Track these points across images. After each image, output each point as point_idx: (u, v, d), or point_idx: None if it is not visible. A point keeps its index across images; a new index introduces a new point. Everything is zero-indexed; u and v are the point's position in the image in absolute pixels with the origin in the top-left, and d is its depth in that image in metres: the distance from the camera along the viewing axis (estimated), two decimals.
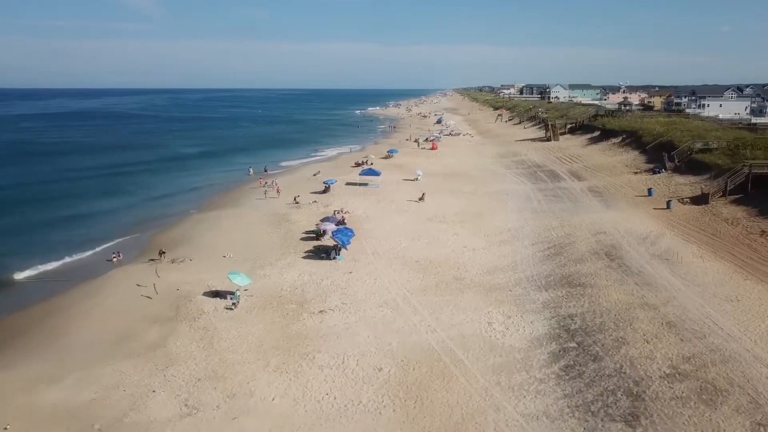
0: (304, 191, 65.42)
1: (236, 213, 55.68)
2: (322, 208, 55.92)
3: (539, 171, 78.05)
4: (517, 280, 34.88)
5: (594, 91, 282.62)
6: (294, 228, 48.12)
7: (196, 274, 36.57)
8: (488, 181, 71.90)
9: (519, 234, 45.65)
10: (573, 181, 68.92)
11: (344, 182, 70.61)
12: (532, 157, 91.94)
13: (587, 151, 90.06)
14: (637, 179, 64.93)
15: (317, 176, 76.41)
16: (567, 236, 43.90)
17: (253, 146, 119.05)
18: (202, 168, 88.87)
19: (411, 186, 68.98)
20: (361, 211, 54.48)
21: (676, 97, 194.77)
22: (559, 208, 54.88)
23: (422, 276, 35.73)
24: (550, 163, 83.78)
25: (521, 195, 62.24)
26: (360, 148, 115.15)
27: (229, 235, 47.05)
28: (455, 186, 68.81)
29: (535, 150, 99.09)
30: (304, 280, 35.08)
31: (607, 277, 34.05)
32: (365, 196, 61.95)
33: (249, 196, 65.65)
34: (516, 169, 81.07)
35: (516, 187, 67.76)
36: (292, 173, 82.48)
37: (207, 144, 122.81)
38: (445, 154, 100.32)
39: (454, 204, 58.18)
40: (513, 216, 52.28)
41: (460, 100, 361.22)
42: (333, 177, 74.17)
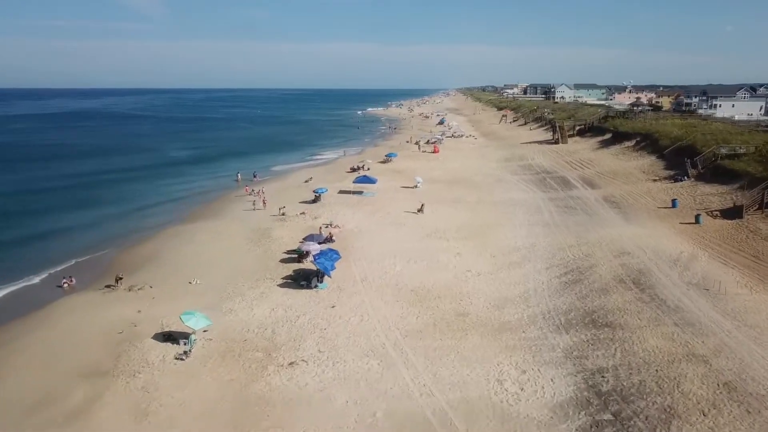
0: (292, 201, 59.90)
1: (215, 226, 50.15)
2: (310, 221, 50.37)
3: (548, 177, 72.35)
4: (532, 316, 29.26)
5: (600, 90, 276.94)
6: (274, 246, 42.56)
7: (152, 307, 31.05)
8: (494, 189, 66.26)
9: (530, 254, 40.02)
10: (586, 190, 63.19)
11: (337, 190, 65.07)
12: (540, 161, 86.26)
13: (599, 155, 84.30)
14: (658, 188, 59.18)
15: (309, 183, 70.95)
16: (586, 257, 38.25)
17: (248, 149, 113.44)
18: (191, 174, 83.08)
19: (410, 194, 63.40)
20: (353, 225, 48.91)
21: (685, 97, 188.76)
22: (574, 221, 49.21)
23: (418, 311, 30.14)
24: (560, 169, 78.07)
25: (530, 205, 56.59)
26: (358, 151, 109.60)
27: (201, 254, 41.56)
28: (458, 194, 63.18)
29: (542, 153, 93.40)
30: (277, 316, 29.50)
31: (639, 315, 28.39)
32: (359, 207, 56.38)
33: (233, 206, 60.13)
34: (523, 175, 75.40)
35: (524, 195, 62.08)
36: (283, 179, 76.93)
37: (200, 147, 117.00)
38: (448, 157, 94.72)
39: (457, 216, 52.56)
40: (522, 231, 46.64)
41: (463, 101, 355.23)
42: (325, 184, 68.66)
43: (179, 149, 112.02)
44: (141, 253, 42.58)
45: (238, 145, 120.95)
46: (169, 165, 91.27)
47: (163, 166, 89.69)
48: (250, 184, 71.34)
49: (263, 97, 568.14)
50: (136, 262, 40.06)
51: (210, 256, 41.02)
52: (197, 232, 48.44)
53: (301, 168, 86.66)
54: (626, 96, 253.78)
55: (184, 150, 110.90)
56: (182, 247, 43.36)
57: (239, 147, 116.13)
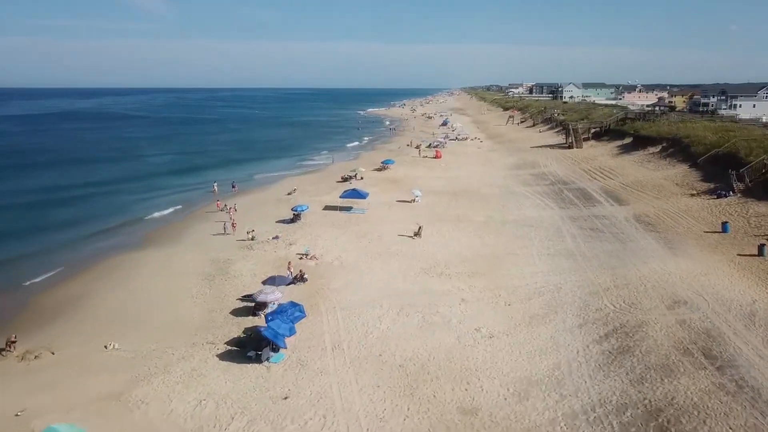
0: (268, 219, 51.13)
1: (168, 256, 41.37)
2: (282, 249, 41.53)
3: (566, 189, 63.29)
4: (569, 416, 20.33)
5: (608, 90, 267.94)
6: (230, 288, 33.75)
7: (38, 393, 22.30)
8: (504, 204, 57.27)
9: (556, 300, 31.08)
10: (612, 206, 54.10)
11: (322, 205, 56.24)
12: (554, 169, 77.19)
13: (620, 162, 75.13)
14: (698, 205, 50.07)
15: (292, 196, 62.20)
16: (630, 308, 29.29)
17: (234, 154, 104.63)
18: (163, 185, 73.30)
19: (407, 211, 54.51)
20: (334, 255, 40.03)
21: (702, 96, 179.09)
22: (604, 250, 40.22)
23: (407, 406, 21.19)
24: (578, 179, 68.96)
25: (549, 227, 47.59)
26: (354, 157, 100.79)
27: (136, 298, 32.82)
28: (462, 211, 54.26)
29: (555, 160, 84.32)
30: (203, 416, 20.59)
31: (728, 420, 19.43)
32: (345, 228, 47.51)
33: (199, 226, 51.40)
34: (536, 186, 66.37)
35: (540, 213, 53.08)
36: (264, 190, 68.13)
37: (183, 152, 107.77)
38: (451, 164, 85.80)
39: (461, 242, 43.62)
40: (543, 264, 37.70)
41: (467, 100, 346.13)
42: (310, 198, 59.95)
43: (158, 155, 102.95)
44: (60, 296, 33.79)
45: (224, 149, 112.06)
46: (141, 176, 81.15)
47: (133, 178, 79.37)
48: (225, 198, 62.61)
49: (266, 96, 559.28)
50: (47, 311, 31.31)
51: (147, 301, 32.27)
52: (144, 263, 39.69)
53: (286, 177, 77.80)
54: (636, 95, 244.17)
55: (163, 156, 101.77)
56: (116, 288, 34.57)
57: (225, 152, 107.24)
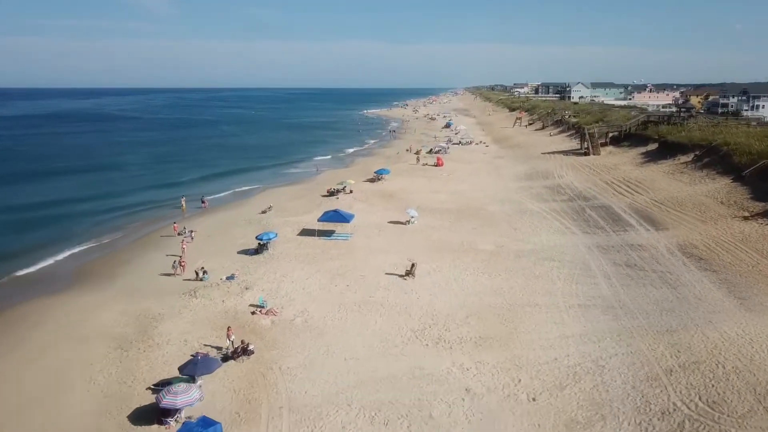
0: (228, 249, 41.94)
1: (87, 305, 32.11)
2: (232, 299, 32.25)
3: (588, 207, 53.85)
4: None
5: (618, 90, 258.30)
6: (144, 365, 24.46)
7: None
8: (516, 227, 47.86)
9: (600, 393, 21.70)
10: (648, 231, 44.57)
11: (299, 228, 47.01)
12: (571, 180, 67.69)
13: (647, 173, 65.54)
14: (757, 232, 40.49)
15: (266, 215, 53.04)
16: (711, 410, 19.92)
17: (218, 160, 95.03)
18: (126, 201, 62.29)
19: (399, 236, 45.21)
20: (298, 308, 30.69)
21: (721, 96, 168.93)
22: (651, 299, 30.85)
23: None
24: (600, 193, 59.46)
25: (574, 261, 38.19)
26: (346, 164, 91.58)
27: (13, 380, 23.62)
28: (466, 237, 44.88)
29: (571, 169, 74.77)
30: None
31: None
32: (319, 264, 38.20)
33: (143, 258, 42.22)
34: (552, 203, 56.93)
35: (561, 240, 43.63)
36: (236, 207, 58.86)
37: (163, 159, 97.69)
38: (454, 173, 76.42)
39: (466, 284, 34.28)
40: (573, 321, 28.34)
41: (472, 100, 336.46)
42: (286, 217, 50.82)
43: (132, 163, 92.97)
44: None
45: (207, 155, 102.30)
46: (103, 189, 69.15)
47: (93, 192, 67.42)
48: (191, 217, 53.60)
49: (268, 97, 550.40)
50: None
51: (24, 388, 23.05)
52: (51, 317, 30.50)
53: (266, 189, 68.52)
54: (647, 95, 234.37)
55: (138, 164, 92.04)
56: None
57: (207, 159, 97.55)
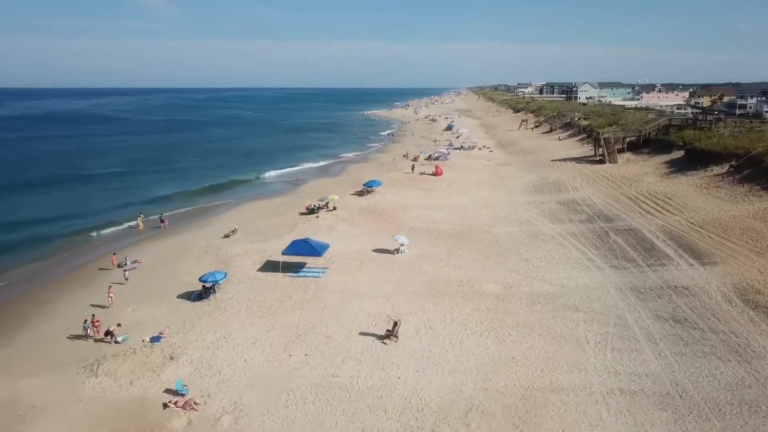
0: (169, 292, 33.57)
1: None
2: (147, 376, 23.84)
3: (612, 230, 45.24)
4: None
5: (625, 90, 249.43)
6: None
7: None
8: (528, 258, 39.29)
9: None
10: (692, 266, 35.91)
11: (261, 260, 38.59)
12: (588, 193, 59.12)
13: (675, 186, 56.90)
14: None
15: (229, 239, 44.70)
16: None
17: (195, 169, 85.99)
18: (81, 221, 52.94)
19: (385, 270, 36.74)
20: (229, 399, 22.25)
21: (739, 96, 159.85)
22: (719, 382, 22.38)
23: None
24: (624, 211, 50.81)
25: (606, 313, 29.64)
26: (336, 172, 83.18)
27: None
28: (467, 272, 36.39)
29: (586, 179, 66.19)
30: None
31: None
32: (275, 317, 29.73)
33: (65, 298, 33.98)
34: (569, 223, 48.37)
35: (584, 278, 35.05)
36: (197, 228, 50.38)
37: (136, 168, 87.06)
38: (454, 183, 67.91)
39: (465, 353, 25.74)
40: (617, 425, 19.85)
41: (475, 100, 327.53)
42: (250, 244, 42.43)
43: (101, 171, 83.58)
44: None
45: (185, 163, 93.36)
46: (49, 207, 59.32)
47: (34, 210, 58.01)
48: (131, 246, 45.16)
49: (269, 97, 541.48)
50: None
51: None
52: None
53: (238, 204, 60.14)
54: (655, 95, 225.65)
55: (107, 172, 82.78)
56: None
57: (184, 167, 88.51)
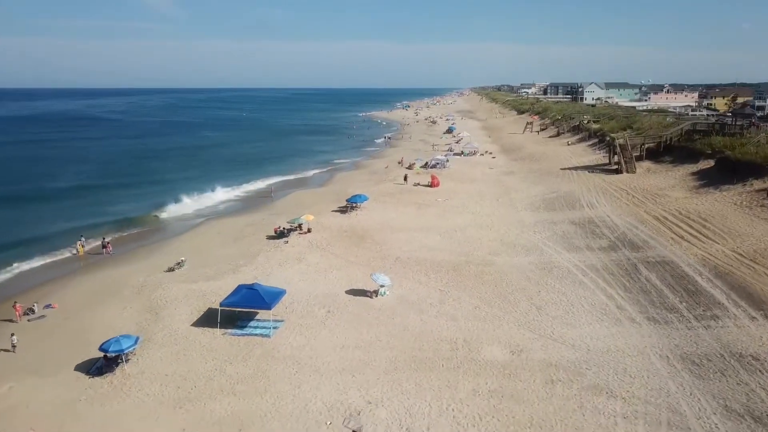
0: (73, 354, 25.57)
1: None
2: None
3: (641, 262, 36.90)
4: None
5: (632, 90, 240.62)
6: None
7: None
8: (540, 304, 30.97)
9: None
10: (754, 321, 27.49)
11: (202, 306, 30.40)
12: (606, 211, 50.75)
13: (710, 203, 48.45)
14: None
15: (174, 273, 36.56)
16: None
17: (166, 181, 76.10)
18: (13, 249, 44.63)
19: (355, 325, 28.48)
20: None
21: (757, 97, 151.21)
22: None
23: None
24: (653, 235, 42.37)
25: (653, 402, 21.38)
26: (320, 182, 75.10)
27: None
28: (463, 328, 28.12)
29: (603, 193, 57.85)
30: None
31: None
32: (189, 412, 21.54)
33: None
34: (587, 251, 40.03)
35: (615, 339, 26.68)
36: (143, 256, 42.19)
37: (102, 178, 78.88)
38: (451, 197, 59.66)
39: None
40: None
41: (477, 101, 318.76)
42: (193, 283, 34.19)
43: (61, 183, 74.91)
44: None
45: (159, 172, 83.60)
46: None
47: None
48: (38, 289, 36.95)
49: (270, 97, 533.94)
50: None
51: None
52: None
53: (200, 224, 52.09)
54: (664, 96, 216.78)
55: (64, 186, 73.51)
56: None
57: (156, 177, 79.17)
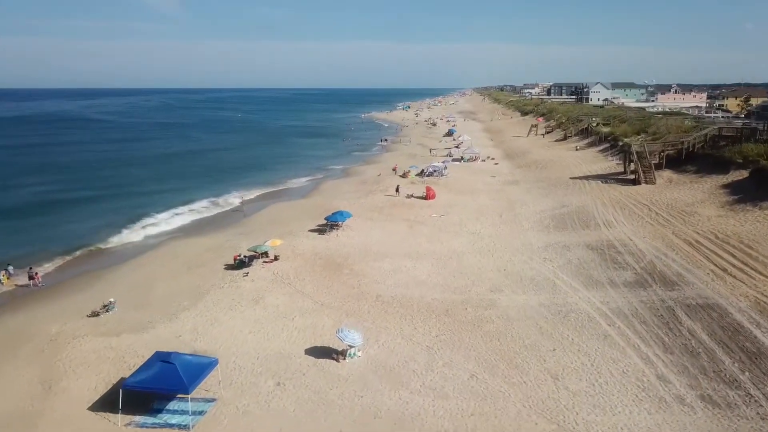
0: None
1: None
2: None
3: (679, 306, 29.38)
4: None
5: (639, 90, 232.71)
6: None
7: None
8: (557, 372, 23.48)
9: None
10: None
11: (109, 381, 22.98)
12: (626, 232, 43.20)
13: (750, 224, 40.80)
14: None
15: (99, 318, 29.19)
16: None
17: (138, 191, 67.82)
18: None
19: (309, 406, 20.71)
20: None
21: None
22: None
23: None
24: (687, 266, 34.84)
25: None
26: (303, 195, 67.85)
27: None
28: (451, 416, 20.61)
29: (621, 208, 50.33)
30: None
31: None
32: None
33: None
34: (609, 289, 32.58)
35: None
36: (72, 292, 34.75)
37: (70, 190, 69.67)
38: (448, 213, 52.19)
39: None
40: None
41: (480, 101, 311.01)
42: (108, 339, 26.83)
43: (3, 195, 66.87)
44: None
45: (131, 184, 74.58)
46: None
47: None
48: None
49: (269, 98, 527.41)
50: None
51: None
52: None
53: (148, 250, 44.58)
54: (671, 96, 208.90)
55: (10, 197, 65.55)
56: None
57: (125, 190, 70.04)
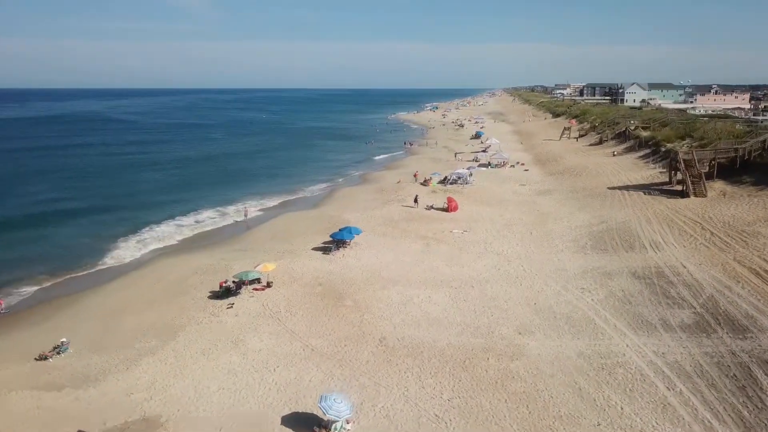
0: None
1: None
2: None
3: (755, 362, 23.36)
4: None
5: (677, 91, 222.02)
6: None
7: None
8: None
9: None
10: None
11: None
12: (678, 256, 36.97)
13: None
14: None
15: (47, 363, 24.48)
16: None
17: (141, 203, 62.02)
18: None
19: None
20: None
21: None
22: None
23: None
24: (756, 305, 28.54)
25: None
26: (314, 204, 63.06)
27: None
28: None
29: (668, 224, 44.01)
30: None
31: None
32: None
33: None
34: (665, 335, 26.64)
35: None
36: (35, 322, 30.52)
37: (71, 200, 65.47)
38: (471, 228, 46.60)
39: None
40: None
41: (509, 102, 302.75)
42: (55, 392, 21.96)
43: (19, 209, 61.99)
44: None
45: (134, 188, 72.27)
46: None
47: None
48: None
49: (296, 98, 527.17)
50: None
51: None
52: None
53: (132, 270, 40.24)
54: (712, 98, 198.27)
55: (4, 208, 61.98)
56: None
57: (127, 196, 66.78)
